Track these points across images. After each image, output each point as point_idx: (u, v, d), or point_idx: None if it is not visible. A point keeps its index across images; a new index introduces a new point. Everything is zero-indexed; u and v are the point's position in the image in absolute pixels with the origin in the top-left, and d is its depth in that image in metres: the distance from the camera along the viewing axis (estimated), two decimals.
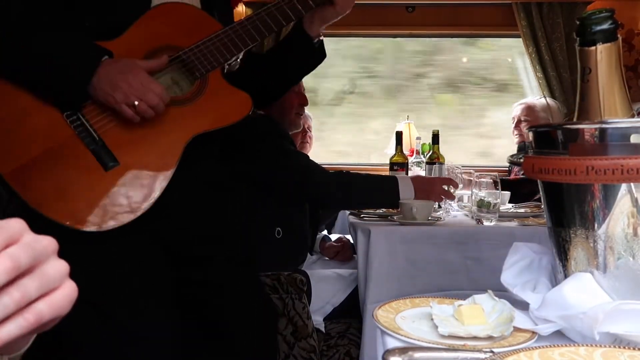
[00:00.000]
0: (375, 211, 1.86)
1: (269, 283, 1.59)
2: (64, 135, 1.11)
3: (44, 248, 0.41)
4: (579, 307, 0.65)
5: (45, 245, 0.41)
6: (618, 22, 0.73)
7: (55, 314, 0.41)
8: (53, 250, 0.42)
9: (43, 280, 0.40)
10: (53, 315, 0.41)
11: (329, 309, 1.81)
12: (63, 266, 0.43)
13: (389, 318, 0.77)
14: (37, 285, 0.40)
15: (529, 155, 0.76)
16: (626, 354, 0.56)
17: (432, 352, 0.63)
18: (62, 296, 0.42)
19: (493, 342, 0.68)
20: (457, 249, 1.53)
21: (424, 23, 3.33)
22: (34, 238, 0.41)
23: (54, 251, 0.42)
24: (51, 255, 0.42)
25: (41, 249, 0.41)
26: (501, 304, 0.76)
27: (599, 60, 0.73)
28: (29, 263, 0.39)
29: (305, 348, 1.59)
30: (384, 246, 1.53)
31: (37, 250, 0.40)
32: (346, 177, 1.80)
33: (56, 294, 0.41)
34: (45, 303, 0.40)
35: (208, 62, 1.19)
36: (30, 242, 0.40)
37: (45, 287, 0.40)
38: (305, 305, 1.60)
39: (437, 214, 1.78)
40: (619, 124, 0.67)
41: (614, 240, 0.67)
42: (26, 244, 0.40)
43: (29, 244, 0.40)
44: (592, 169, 0.64)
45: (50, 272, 0.41)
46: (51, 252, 0.42)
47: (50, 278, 0.41)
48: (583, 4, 3.16)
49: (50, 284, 0.41)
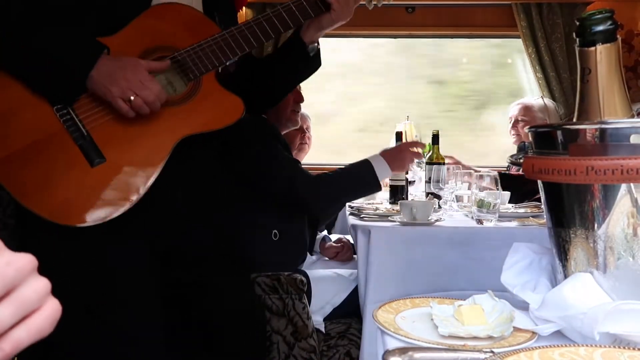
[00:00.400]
0: (375, 211, 1.86)
1: (269, 283, 1.59)
2: (52, 129, 1.11)
3: (18, 271, 0.38)
4: (579, 307, 0.65)
5: (20, 267, 0.39)
6: (617, 22, 0.73)
7: (35, 338, 0.39)
8: (30, 269, 0.40)
9: (19, 305, 0.38)
10: (32, 340, 0.39)
11: (329, 309, 1.81)
12: (42, 286, 0.40)
13: (389, 318, 0.77)
14: (10, 312, 0.37)
15: (528, 156, 0.77)
16: (626, 354, 0.56)
17: (432, 352, 0.63)
18: (42, 319, 0.39)
19: (493, 342, 0.68)
20: (457, 249, 1.53)
21: (424, 24, 3.33)
22: (7, 260, 0.38)
23: (31, 270, 0.40)
24: (29, 276, 0.39)
25: (13, 274, 0.38)
26: (501, 304, 0.76)
27: (598, 60, 0.73)
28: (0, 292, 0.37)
29: (305, 348, 1.59)
30: (384, 246, 1.53)
31: (8, 276, 0.38)
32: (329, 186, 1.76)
33: (35, 318, 0.39)
34: (24, 329, 0.38)
35: (202, 64, 1.20)
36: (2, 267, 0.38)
37: (23, 312, 0.38)
38: (305, 306, 1.60)
39: (437, 214, 1.78)
40: (619, 125, 0.67)
41: (614, 241, 0.67)
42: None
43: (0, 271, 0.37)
44: (592, 169, 0.64)
45: (26, 295, 0.39)
46: (28, 272, 0.39)
47: (27, 301, 0.39)
48: (583, 4, 3.17)
49: (27, 307, 0.39)
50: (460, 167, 2.16)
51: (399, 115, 3.46)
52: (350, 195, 1.81)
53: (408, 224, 1.59)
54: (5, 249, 0.39)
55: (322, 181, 1.73)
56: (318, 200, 1.74)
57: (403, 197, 2.11)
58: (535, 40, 3.22)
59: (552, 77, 3.22)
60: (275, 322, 1.59)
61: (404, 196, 2.14)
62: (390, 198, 2.17)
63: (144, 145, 1.16)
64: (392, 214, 1.73)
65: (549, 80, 3.23)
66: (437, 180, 2.05)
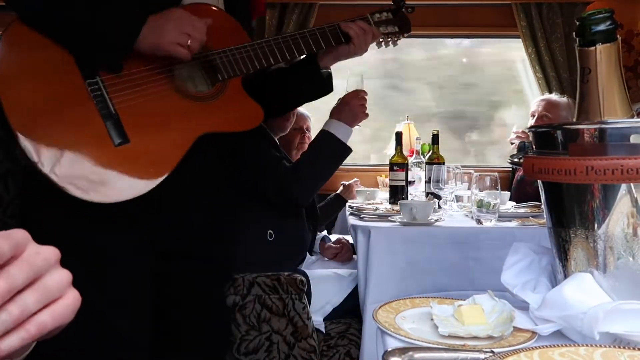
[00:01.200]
0: (375, 211, 1.86)
1: (269, 283, 1.59)
2: (81, 101, 1.12)
3: (45, 260, 0.42)
4: (579, 307, 0.65)
5: (46, 257, 0.42)
6: (617, 22, 0.73)
7: (58, 323, 0.42)
8: (55, 260, 0.43)
9: (43, 293, 0.41)
10: (56, 325, 0.42)
11: (329, 309, 1.81)
12: (65, 276, 0.43)
13: (389, 318, 0.77)
14: (36, 299, 0.40)
15: (528, 156, 0.77)
16: (626, 354, 0.56)
17: (432, 352, 0.63)
18: (64, 306, 0.42)
19: (493, 342, 0.68)
20: (457, 249, 1.53)
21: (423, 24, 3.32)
22: (35, 250, 0.41)
23: (56, 262, 0.43)
24: (53, 266, 0.43)
25: (41, 263, 0.41)
26: (501, 304, 0.76)
27: (598, 60, 0.73)
28: (27, 280, 0.40)
29: (305, 348, 1.59)
30: (384, 246, 1.53)
31: (36, 265, 0.41)
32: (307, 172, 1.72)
33: (58, 304, 0.42)
34: (48, 313, 0.41)
35: (234, 68, 1.26)
36: (31, 256, 0.41)
37: (46, 299, 0.41)
38: (305, 306, 1.60)
39: (437, 214, 1.78)
40: (619, 124, 0.67)
41: (614, 240, 0.67)
42: (25, 260, 0.40)
43: (27, 260, 0.40)
44: (592, 169, 0.64)
45: (51, 284, 0.42)
46: (53, 263, 0.43)
47: (51, 289, 0.42)
48: (582, 4, 3.17)
49: (51, 295, 0.42)
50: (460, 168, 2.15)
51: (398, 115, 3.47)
52: (327, 170, 1.78)
53: (408, 224, 1.59)
54: (33, 242, 0.42)
55: (299, 170, 1.71)
56: (300, 189, 1.71)
57: (403, 197, 2.11)
58: (535, 40, 3.22)
59: (552, 77, 3.22)
60: (275, 322, 1.59)
61: (404, 196, 2.14)
62: (390, 198, 2.17)
63: (166, 133, 1.17)
64: (392, 214, 1.74)
65: (549, 80, 3.23)
66: (437, 180, 2.05)
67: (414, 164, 2.56)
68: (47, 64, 1.12)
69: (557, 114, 2.61)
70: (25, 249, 0.41)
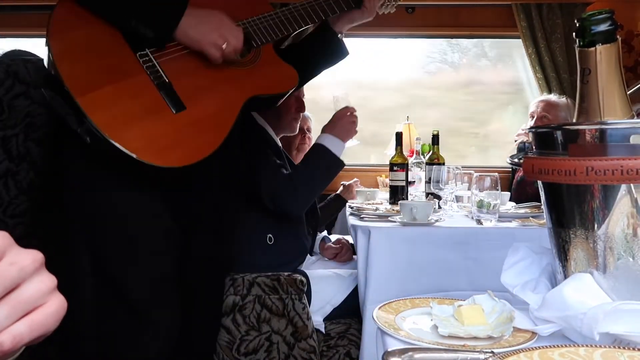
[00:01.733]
0: (375, 211, 1.86)
1: (269, 284, 1.59)
2: (135, 73, 1.18)
3: (20, 271, 0.40)
4: (579, 307, 0.65)
5: (23, 267, 0.40)
6: (617, 23, 0.73)
7: (38, 332, 0.40)
8: (35, 268, 0.41)
9: (16, 305, 0.39)
10: (35, 335, 0.40)
11: (328, 310, 1.81)
12: (46, 283, 0.41)
13: (389, 318, 0.77)
14: (7, 312, 0.39)
15: (528, 156, 0.77)
16: (626, 354, 0.56)
17: (432, 352, 0.63)
18: (45, 315, 0.41)
19: (493, 342, 0.68)
20: (457, 249, 1.53)
21: (424, 24, 3.33)
22: (11, 260, 0.39)
23: (36, 269, 0.41)
24: (32, 274, 0.41)
25: (15, 274, 0.39)
26: (501, 304, 0.76)
27: (598, 61, 0.73)
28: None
29: (305, 348, 1.59)
30: (384, 246, 1.53)
31: (8, 278, 0.39)
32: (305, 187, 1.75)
33: (38, 314, 0.40)
34: (25, 324, 0.39)
35: (267, 34, 1.35)
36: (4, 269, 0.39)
37: (21, 311, 0.40)
38: (305, 306, 1.60)
39: (437, 214, 1.78)
40: (619, 125, 0.67)
41: (614, 241, 0.67)
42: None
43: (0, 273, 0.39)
44: (592, 170, 0.64)
45: (27, 294, 0.40)
46: (31, 271, 0.40)
47: (27, 300, 0.40)
48: (582, 5, 3.17)
49: (27, 305, 0.40)
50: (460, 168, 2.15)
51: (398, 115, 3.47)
52: (323, 184, 1.82)
53: (408, 224, 1.59)
54: (15, 246, 0.40)
55: (295, 182, 1.73)
56: (295, 203, 1.74)
57: (403, 198, 2.11)
58: (535, 40, 3.22)
59: (552, 77, 3.22)
60: (275, 322, 1.59)
61: (404, 196, 2.14)
62: (390, 198, 2.17)
63: (217, 98, 1.25)
64: (392, 214, 1.73)
65: (549, 80, 3.23)
66: (437, 181, 2.05)
67: (414, 164, 2.56)
68: (98, 38, 1.18)
69: (556, 114, 2.60)
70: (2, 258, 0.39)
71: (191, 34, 1.18)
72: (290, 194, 1.71)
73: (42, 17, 1.28)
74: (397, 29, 3.37)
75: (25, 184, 1.24)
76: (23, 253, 0.41)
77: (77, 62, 1.13)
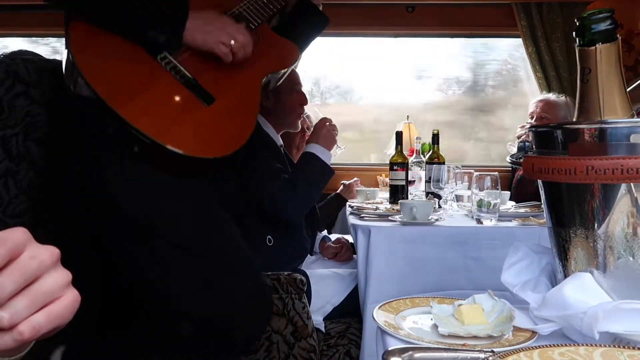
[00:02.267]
0: (375, 211, 1.86)
1: (269, 283, 1.59)
2: (161, 76, 1.22)
3: (40, 264, 0.42)
4: (579, 306, 0.65)
5: (42, 260, 0.42)
6: (617, 22, 0.73)
7: (54, 324, 0.42)
8: (53, 262, 0.43)
9: (35, 296, 0.41)
10: (52, 326, 0.42)
11: (328, 309, 1.81)
12: (63, 277, 0.44)
13: (389, 318, 0.77)
14: (27, 303, 0.41)
15: (528, 155, 0.77)
16: (626, 353, 0.56)
17: (432, 352, 0.63)
18: (61, 307, 0.43)
19: (493, 341, 0.68)
20: (457, 249, 1.53)
21: (424, 23, 3.33)
22: (30, 254, 0.42)
23: (53, 263, 0.43)
24: (51, 267, 0.43)
25: (35, 266, 0.41)
26: (501, 303, 0.76)
27: (598, 60, 0.73)
28: (17, 287, 0.40)
29: (305, 348, 1.59)
30: (384, 246, 1.53)
31: (29, 270, 0.41)
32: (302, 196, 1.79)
33: (55, 305, 0.42)
34: (43, 315, 0.42)
35: (259, 15, 1.40)
36: (24, 261, 0.41)
37: (40, 302, 0.42)
38: (305, 305, 1.60)
39: (437, 213, 1.78)
40: (619, 124, 0.67)
41: (614, 240, 0.67)
42: (18, 266, 0.41)
43: (20, 266, 0.41)
44: (592, 169, 0.64)
45: (46, 287, 0.42)
46: (50, 264, 0.43)
47: (46, 292, 0.42)
48: (583, 4, 3.16)
49: (46, 297, 0.42)
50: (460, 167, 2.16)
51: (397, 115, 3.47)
52: (318, 191, 1.88)
53: (408, 224, 1.59)
54: (33, 241, 0.43)
55: (294, 193, 1.76)
56: (293, 211, 1.78)
57: (403, 197, 2.11)
58: (535, 40, 3.22)
59: (552, 77, 3.22)
60: (275, 321, 1.59)
61: (404, 196, 2.14)
62: (390, 198, 2.17)
63: (238, 85, 1.32)
64: (392, 214, 1.73)
65: (549, 80, 3.22)
66: (437, 180, 2.05)
67: (414, 164, 2.56)
68: (118, 48, 1.21)
69: (556, 114, 2.60)
70: (23, 252, 0.41)
71: (198, 35, 1.22)
72: (290, 199, 1.74)
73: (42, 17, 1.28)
74: (397, 28, 3.37)
75: (25, 183, 1.24)
76: (42, 248, 0.43)
77: (110, 76, 1.17)
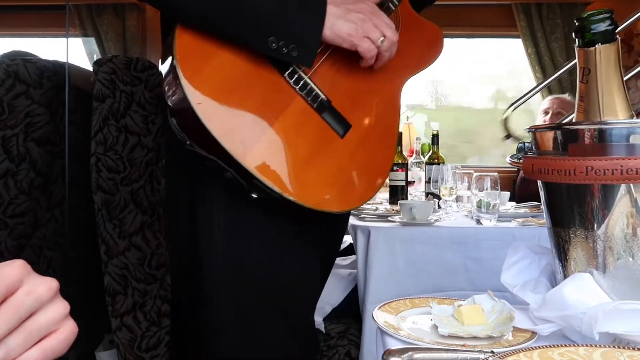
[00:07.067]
0: (375, 211, 1.86)
1: None
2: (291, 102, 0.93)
3: (36, 300, 0.41)
4: (579, 307, 0.65)
5: (39, 296, 0.41)
6: (617, 22, 0.73)
7: (50, 357, 0.42)
8: (50, 296, 0.43)
9: (30, 333, 0.41)
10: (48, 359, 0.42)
11: (328, 310, 1.80)
12: (59, 310, 0.43)
13: (389, 318, 0.77)
14: (21, 341, 0.40)
15: (528, 156, 0.77)
16: (626, 354, 0.56)
17: (432, 352, 0.63)
18: (57, 342, 0.42)
19: (493, 342, 0.68)
20: (457, 249, 1.53)
21: None
22: (28, 290, 0.41)
23: (51, 297, 0.43)
24: (48, 301, 0.42)
25: (31, 303, 0.41)
26: (501, 304, 0.76)
27: (598, 60, 0.73)
28: (12, 325, 0.40)
29: None
30: (384, 246, 1.53)
31: (24, 307, 0.41)
32: None
33: (50, 340, 0.42)
34: (38, 350, 0.41)
35: None
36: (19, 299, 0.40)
37: (36, 338, 0.41)
38: None
39: (436, 214, 1.78)
40: (618, 125, 0.67)
41: (614, 241, 0.67)
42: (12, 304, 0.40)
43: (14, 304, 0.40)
44: (592, 170, 0.64)
45: (42, 322, 0.42)
46: (47, 299, 0.42)
47: (41, 327, 0.42)
48: (582, 4, 3.17)
49: (41, 333, 0.42)
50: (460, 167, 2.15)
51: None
52: None
53: (408, 224, 1.59)
54: (32, 274, 0.42)
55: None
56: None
57: (403, 197, 2.11)
58: (535, 40, 3.23)
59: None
60: None
61: (404, 196, 2.14)
62: (390, 198, 2.17)
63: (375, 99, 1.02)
64: (391, 214, 1.74)
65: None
66: (437, 180, 2.05)
67: (413, 164, 2.56)
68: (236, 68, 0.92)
69: (572, 112, 2.61)
70: (19, 288, 0.41)
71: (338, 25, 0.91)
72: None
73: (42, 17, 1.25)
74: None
75: (25, 184, 1.24)
76: (39, 281, 0.42)
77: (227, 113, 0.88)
